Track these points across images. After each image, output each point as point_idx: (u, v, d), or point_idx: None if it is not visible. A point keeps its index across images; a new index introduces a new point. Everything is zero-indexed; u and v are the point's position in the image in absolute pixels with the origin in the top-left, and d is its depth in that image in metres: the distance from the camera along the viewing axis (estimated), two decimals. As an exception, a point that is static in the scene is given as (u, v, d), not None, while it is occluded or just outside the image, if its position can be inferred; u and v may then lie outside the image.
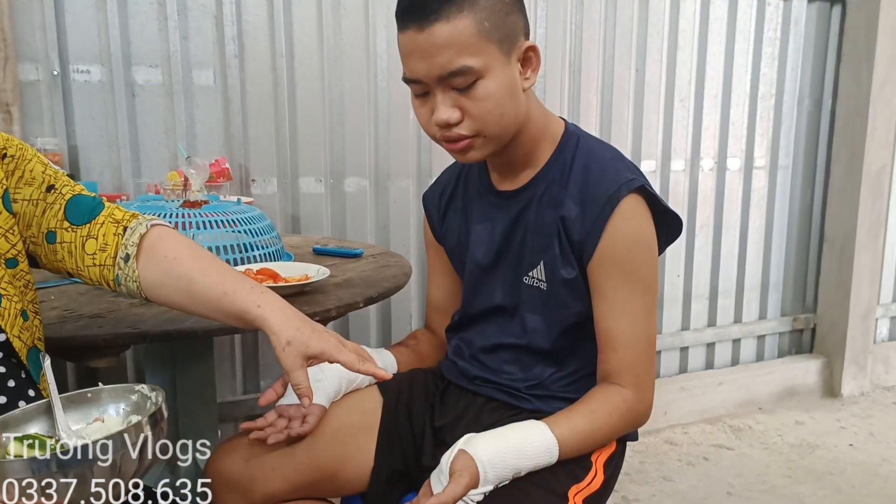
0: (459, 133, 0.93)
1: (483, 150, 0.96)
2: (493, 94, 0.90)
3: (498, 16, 0.89)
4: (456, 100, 0.91)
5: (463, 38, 0.87)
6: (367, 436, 1.06)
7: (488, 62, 0.89)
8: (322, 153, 1.98)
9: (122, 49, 1.70)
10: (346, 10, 1.93)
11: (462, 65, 0.88)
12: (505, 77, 0.91)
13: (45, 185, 0.86)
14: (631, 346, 0.96)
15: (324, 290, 1.21)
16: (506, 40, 0.90)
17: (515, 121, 0.95)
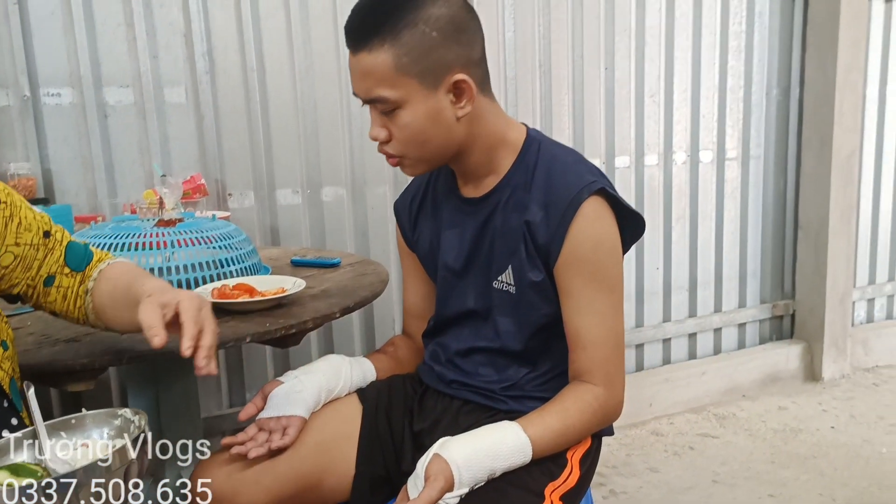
0: (388, 151, 0.99)
1: (414, 168, 1.02)
2: (410, 124, 0.95)
3: (420, 51, 0.92)
4: (384, 122, 0.97)
5: (381, 70, 0.92)
6: (347, 444, 1.08)
7: (406, 95, 0.93)
8: (298, 164, 2.00)
9: (92, 70, 1.71)
10: (314, 22, 1.95)
11: (378, 95, 0.93)
12: (427, 108, 0.94)
13: (41, 230, 0.93)
14: (600, 344, 0.98)
15: (300, 303, 1.23)
16: (429, 74, 0.93)
17: (444, 145, 0.99)
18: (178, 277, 1.26)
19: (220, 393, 2.00)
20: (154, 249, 1.28)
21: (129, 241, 1.27)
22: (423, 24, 0.91)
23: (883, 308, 3.17)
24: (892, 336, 3.06)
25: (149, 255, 1.27)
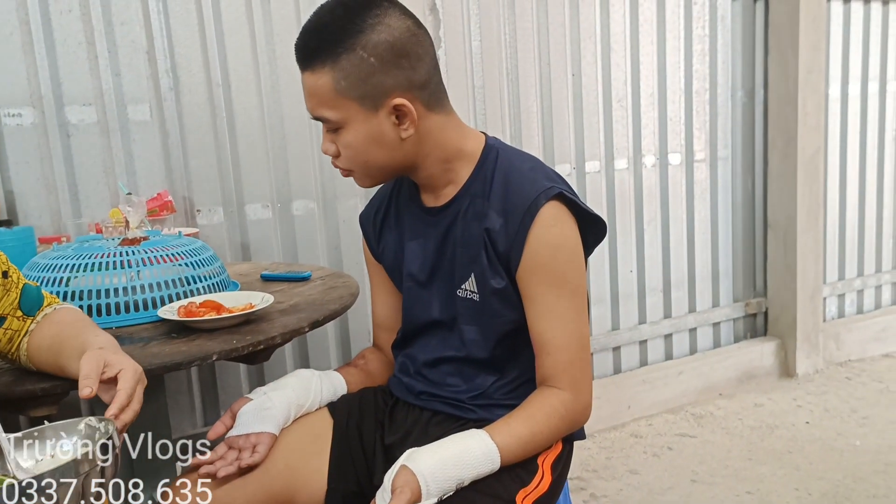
0: (338, 165, 1.03)
1: (364, 181, 1.05)
2: (352, 143, 0.98)
3: (357, 76, 0.93)
4: (332, 138, 1.00)
5: (322, 91, 0.95)
6: (318, 459, 1.07)
7: (346, 116, 0.96)
8: (267, 179, 1.99)
9: (53, 90, 1.69)
10: (279, 36, 1.94)
11: (321, 114, 0.97)
12: (367, 129, 0.96)
13: (1, 270, 0.94)
14: (564, 348, 0.99)
15: (269, 318, 1.22)
16: (367, 98, 0.94)
17: (390, 164, 1.01)
18: (144, 297, 1.25)
19: (194, 412, 1.97)
20: (119, 269, 1.26)
21: (92, 262, 1.25)
22: (361, 49, 0.92)
23: (853, 303, 3.23)
24: (862, 330, 3.11)
25: (112, 275, 1.25)
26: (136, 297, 1.25)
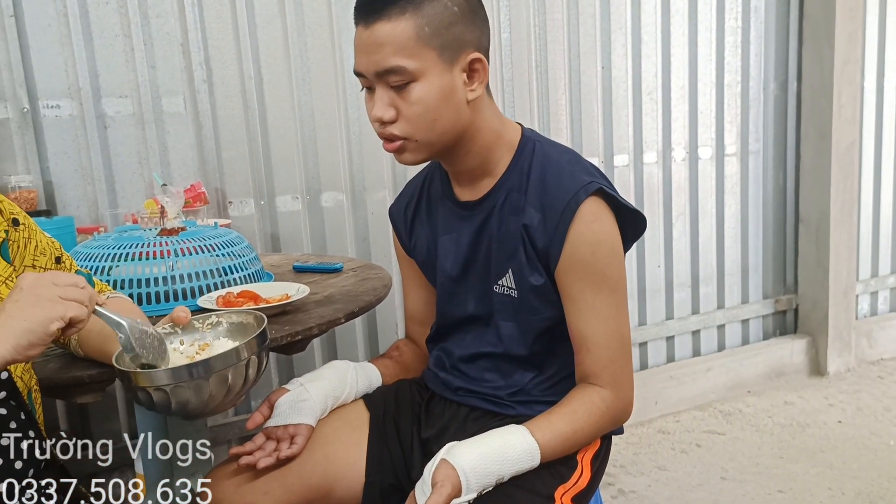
0: (392, 133, 0.95)
1: (416, 154, 0.98)
2: (424, 97, 0.92)
3: (441, 24, 0.91)
4: (393, 99, 0.93)
5: (401, 39, 0.90)
6: (356, 452, 1.08)
7: (424, 66, 0.91)
8: (297, 171, 1.99)
9: (90, 82, 1.71)
10: (311, 29, 1.95)
11: (396, 64, 0.90)
12: (441, 84, 0.93)
13: (54, 256, 0.95)
14: (604, 345, 0.98)
15: (305, 309, 1.23)
16: (448, 48, 0.92)
17: (452, 128, 0.96)
18: (182, 286, 1.26)
19: (226, 401, 1.99)
20: (157, 259, 1.28)
21: (133, 251, 1.26)
22: None
23: (886, 300, 3.17)
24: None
25: (152, 265, 1.26)
26: (175, 287, 1.26)
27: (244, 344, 0.83)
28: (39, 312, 0.67)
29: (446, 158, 1.04)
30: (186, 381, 0.80)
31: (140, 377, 0.80)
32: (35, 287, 0.69)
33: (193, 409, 0.83)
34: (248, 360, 0.84)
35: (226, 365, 0.81)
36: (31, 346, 0.67)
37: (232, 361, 0.82)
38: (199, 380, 0.80)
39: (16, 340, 0.66)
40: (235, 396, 0.86)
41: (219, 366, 0.81)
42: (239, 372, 0.83)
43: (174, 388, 0.80)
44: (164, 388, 0.80)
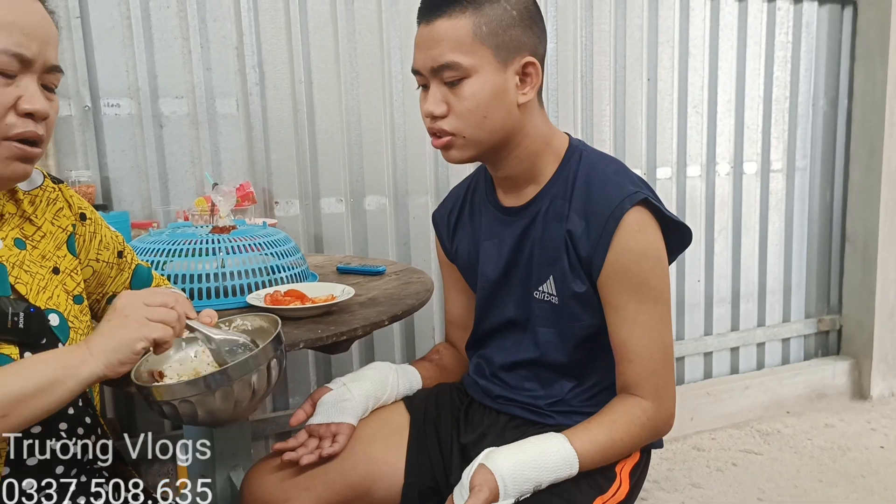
0: (442, 128, 0.97)
1: (463, 152, 1.00)
2: (476, 94, 0.95)
3: (499, 24, 0.94)
4: (445, 95, 0.96)
5: (458, 35, 0.93)
6: (396, 453, 1.09)
7: (478, 64, 0.94)
8: (342, 174, 2.03)
9: (149, 82, 1.77)
10: (361, 35, 1.98)
11: (451, 59, 0.93)
12: (494, 83, 0.95)
13: (116, 250, 0.98)
14: (646, 356, 0.98)
15: (350, 310, 1.25)
16: (503, 49, 0.95)
17: (500, 128, 0.98)
18: (232, 283, 1.30)
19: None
20: (207, 255, 1.32)
21: (185, 248, 1.31)
22: (504, 2, 0.95)
23: (934, 324, 3.07)
24: (944, 353, 2.97)
25: (202, 261, 1.31)
26: (224, 284, 1.30)
27: (261, 350, 0.83)
28: (127, 333, 0.72)
29: (492, 161, 1.05)
30: (204, 392, 0.79)
31: (159, 391, 0.80)
32: (126, 308, 0.74)
33: (223, 417, 0.83)
34: (269, 364, 0.84)
35: (244, 372, 0.81)
36: (120, 364, 0.72)
37: (251, 367, 0.81)
38: (223, 388, 0.80)
39: (106, 358, 0.71)
40: (259, 400, 0.86)
41: (237, 373, 0.81)
42: (262, 376, 0.83)
43: (200, 399, 0.79)
44: (189, 399, 0.79)
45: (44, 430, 0.78)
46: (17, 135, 0.74)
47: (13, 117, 0.74)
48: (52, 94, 0.79)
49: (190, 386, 0.79)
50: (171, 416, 0.81)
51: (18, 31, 0.73)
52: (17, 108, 0.74)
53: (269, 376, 0.84)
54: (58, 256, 0.87)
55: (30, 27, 0.74)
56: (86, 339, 0.72)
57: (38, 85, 0.76)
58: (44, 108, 0.76)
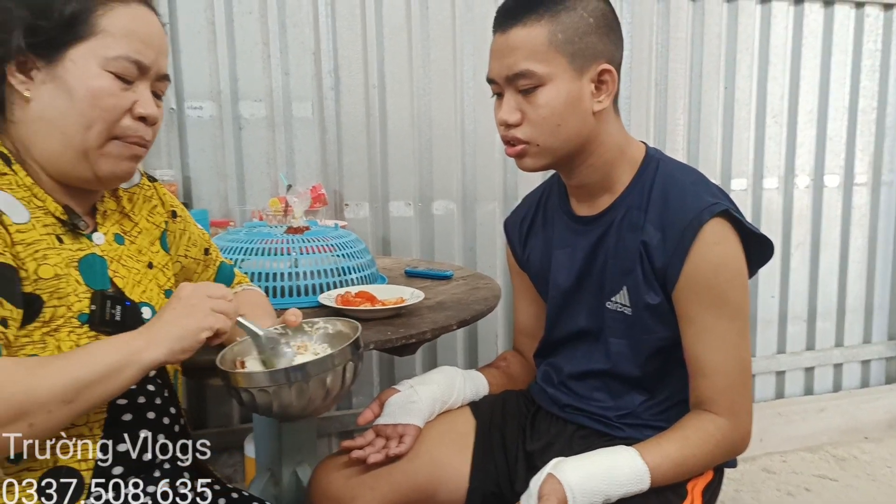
0: (516, 136, 0.98)
1: (537, 160, 1.00)
2: (551, 102, 0.94)
3: (575, 32, 0.94)
4: (520, 103, 0.96)
5: (534, 44, 0.93)
6: (461, 457, 1.10)
7: (553, 72, 0.94)
8: (411, 178, 2.05)
9: (230, 86, 1.84)
10: (434, 42, 2.00)
11: (525, 67, 0.94)
12: (569, 90, 0.95)
13: (203, 247, 1.03)
14: (722, 371, 0.95)
15: (418, 313, 1.26)
16: (578, 57, 0.94)
17: (575, 136, 0.97)
18: (305, 283, 1.33)
19: (328, 395, 2.07)
20: (281, 255, 1.35)
21: (261, 247, 1.35)
22: (581, 9, 0.94)
23: None
24: None
25: (277, 260, 1.34)
26: (297, 283, 1.33)
27: (339, 350, 0.85)
28: (192, 322, 0.74)
29: (566, 169, 1.05)
30: (283, 384, 0.81)
31: (239, 378, 0.83)
32: (191, 298, 0.76)
33: (294, 412, 0.85)
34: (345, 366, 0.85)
35: (322, 370, 0.83)
36: (182, 351, 0.74)
37: (328, 366, 0.83)
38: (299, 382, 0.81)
39: (170, 345, 0.73)
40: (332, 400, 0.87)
41: (315, 370, 0.82)
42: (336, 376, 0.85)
43: (277, 390, 0.81)
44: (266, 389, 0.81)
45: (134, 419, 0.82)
46: (129, 136, 0.79)
47: (128, 120, 0.79)
48: (160, 100, 0.83)
49: (268, 376, 0.81)
50: (249, 404, 0.83)
51: (138, 40, 0.78)
52: (133, 111, 0.79)
53: (344, 378, 0.85)
54: (152, 252, 0.91)
55: (148, 37, 0.79)
56: (146, 325, 0.75)
57: (150, 91, 0.81)
58: (155, 113, 0.80)
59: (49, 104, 0.76)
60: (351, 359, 0.86)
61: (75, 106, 0.76)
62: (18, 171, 0.78)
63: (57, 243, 0.78)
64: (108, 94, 0.77)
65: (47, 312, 0.74)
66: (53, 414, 0.64)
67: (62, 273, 0.76)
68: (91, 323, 0.77)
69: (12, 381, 0.63)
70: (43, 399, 0.63)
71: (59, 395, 0.64)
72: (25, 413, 0.62)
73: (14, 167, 0.78)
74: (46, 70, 0.76)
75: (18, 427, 0.62)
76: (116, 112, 0.78)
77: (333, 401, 0.88)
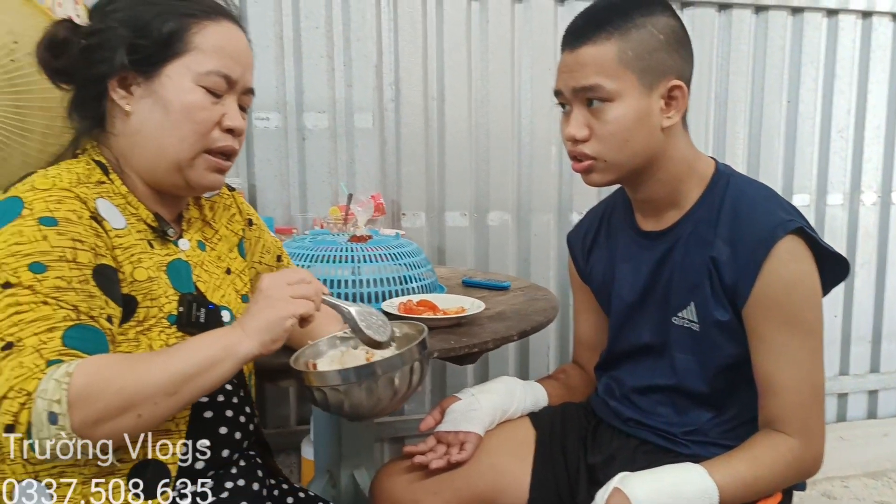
0: (583, 151, 0.98)
1: (604, 175, 1.00)
2: (619, 118, 0.95)
3: (645, 49, 0.94)
4: (587, 119, 0.97)
5: (603, 60, 0.94)
6: (521, 467, 1.10)
7: (622, 88, 0.94)
8: (467, 189, 2.08)
9: (295, 97, 1.90)
10: (493, 54, 2.03)
11: (594, 82, 0.94)
12: (638, 107, 0.95)
13: (276, 254, 1.06)
14: (794, 390, 0.94)
15: (478, 322, 1.28)
16: (648, 73, 0.94)
17: (642, 152, 0.97)
18: (367, 290, 1.36)
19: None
20: (343, 262, 1.39)
21: (324, 254, 1.38)
22: (651, 26, 0.95)
23: None
24: None
25: (339, 268, 1.38)
26: (359, 290, 1.36)
27: (407, 350, 0.86)
28: (275, 312, 0.76)
29: (633, 184, 1.05)
30: (352, 383, 0.82)
31: (311, 377, 0.85)
32: (271, 288, 0.78)
33: (364, 411, 0.87)
34: (412, 366, 0.87)
35: (391, 368, 0.84)
36: (272, 342, 0.76)
37: (397, 365, 0.85)
38: (359, 383, 0.83)
39: (260, 337, 0.75)
40: (400, 400, 0.89)
41: (385, 369, 0.84)
42: (404, 376, 0.86)
43: (348, 389, 0.83)
44: (338, 387, 0.83)
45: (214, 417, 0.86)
46: (218, 148, 0.83)
47: (217, 132, 0.83)
48: (245, 113, 0.87)
49: (339, 374, 0.83)
50: (322, 402, 0.86)
51: (228, 56, 0.82)
52: (221, 124, 0.83)
53: (412, 378, 0.87)
54: (230, 258, 0.95)
55: (236, 53, 0.83)
56: (238, 320, 0.78)
57: (237, 105, 0.85)
58: (242, 125, 0.84)
59: (147, 117, 0.81)
60: (418, 358, 0.87)
61: (170, 119, 0.80)
62: (115, 180, 0.83)
63: (148, 248, 0.82)
64: (200, 108, 0.81)
65: (141, 313, 0.78)
66: (159, 406, 0.68)
67: (154, 276, 0.80)
68: (179, 324, 0.81)
69: (122, 375, 0.66)
70: (150, 391, 0.67)
71: (164, 387, 0.68)
72: (135, 405, 0.66)
73: (111, 176, 0.83)
74: (145, 85, 0.81)
75: (128, 418, 0.66)
76: (207, 125, 0.82)
77: (402, 400, 0.89)
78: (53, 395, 0.62)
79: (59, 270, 0.70)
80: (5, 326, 0.66)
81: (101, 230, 0.76)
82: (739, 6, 2.20)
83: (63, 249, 0.71)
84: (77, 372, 0.64)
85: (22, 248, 0.69)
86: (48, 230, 0.71)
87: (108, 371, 0.66)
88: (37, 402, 0.62)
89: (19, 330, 0.66)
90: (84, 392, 0.63)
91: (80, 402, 0.63)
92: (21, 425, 0.62)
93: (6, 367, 0.64)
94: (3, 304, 0.67)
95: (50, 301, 0.68)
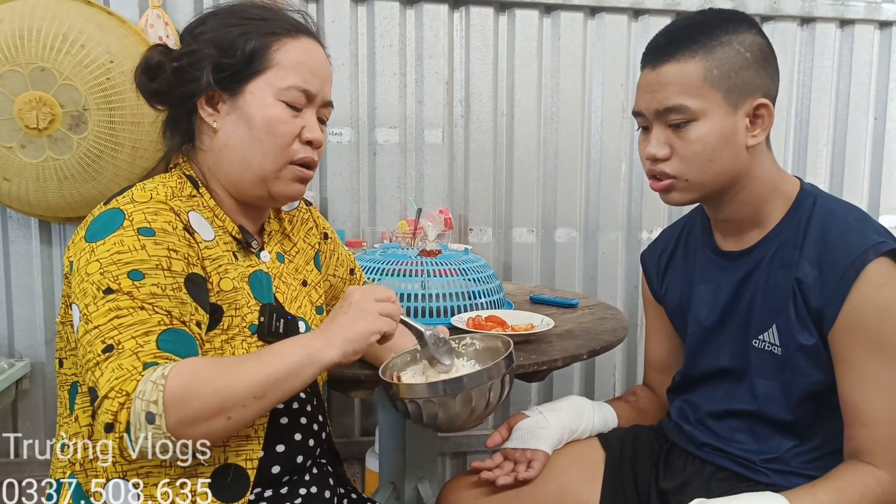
0: (664, 171, 0.97)
1: (684, 195, 0.98)
2: (703, 138, 0.93)
3: (730, 67, 0.92)
4: (669, 138, 0.95)
5: (687, 79, 0.92)
6: (590, 489, 1.08)
7: (707, 107, 0.92)
8: (535, 205, 2.07)
9: (368, 113, 1.94)
10: (564, 71, 2.02)
11: (678, 103, 0.93)
12: (722, 126, 0.93)
13: (349, 267, 1.09)
14: (885, 421, 0.89)
15: (547, 340, 1.27)
16: (734, 92, 0.92)
17: (727, 172, 0.95)
18: (435, 305, 1.37)
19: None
20: (413, 276, 1.40)
21: (395, 267, 1.40)
22: (737, 44, 0.93)
23: None
24: None
25: (408, 281, 1.39)
26: (428, 304, 1.37)
27: (494, 364, 0.88)
28: (363, 325, 0.78)
29: (713, 204, 1.03)
30: (439, 396, 0.85)
31: (401, 388, 0.88)
32: (361, 302, 0.80)
33: (441, 423, 0.89)
34: (501, 379, 0.89)
35: (478, 382, 0.86)
36: (354, 353, 0.78)
37: (483, 379, 0.87)
38: (447, 396, 0.85)
39: (343, 347, 0.77)
40: (480, 416, 0.90)
41: (471, 383, 0.86)
42: (482, 393, 0.87)
43: (426, 402, 0.86)
44: (432, 399, 0.86)
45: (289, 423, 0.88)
46: (299, 160, 0.86)
47: (297, 145, 0.86)
48: (324, 125, 0.90)
49: (429, 388, 0.86)
50: (414, 414, 0.88)
51: (307, 71, 0.85)
52: (301, 136, 0.86)
53: (502, 391, 0.90)
54: (307, 270, 0.98)
55: (315, 67, 0.86)
56: (321, 328, 0.79)
57: (316, 118, 0.88)
58: (321, 137, 0.87)
59: (232, 133, 0.84)
60: (505, 372, 0.89)
61: (253, 133, 0.84)
62: (205, 193, 0.87)
63: (233, 259, 0.86)
64: (281, 122, 0.84)
65: (226, 321, 0.81)
66: (247, 408, 0.70)
67: (238, 286, 0.84)
68: (259, 333, 0.84)
69: (215, 378, 0.69)
70: (241, 395, 0.70)
71: (253, 391, 0.70)
72: (226, 408, 0.69)
73: (201, 190, 0.86)
74: (230, 102, 0.84)
75: (219, 420, 0.69)
76: (288, 138, 0.85)
77: (491, 411, 0.92)
78: (151, 397, 0.65)
79: (155, 278, 0.74)
80: (106, 330, 0.70)
81: (192, 241, 0.80)
82: (823, 20, 2.13)
83: (159, 258, 0.75)
84: (172, 374, 0.67)
85: (123, 257, 0.73)
86: (146, 240, 0.75)
87: (202, 374, 0.69)
88: (135, 403, 0.66)
89: (118, 333, 0.70)
90: (179, 394, 0.66)
91: (176, 404, 0.66)
92: (120, 424, 0.66)
93: (107, 368, 0.68)
94: (104, 308, 0.71)
95: (146, 307, 0.72)
